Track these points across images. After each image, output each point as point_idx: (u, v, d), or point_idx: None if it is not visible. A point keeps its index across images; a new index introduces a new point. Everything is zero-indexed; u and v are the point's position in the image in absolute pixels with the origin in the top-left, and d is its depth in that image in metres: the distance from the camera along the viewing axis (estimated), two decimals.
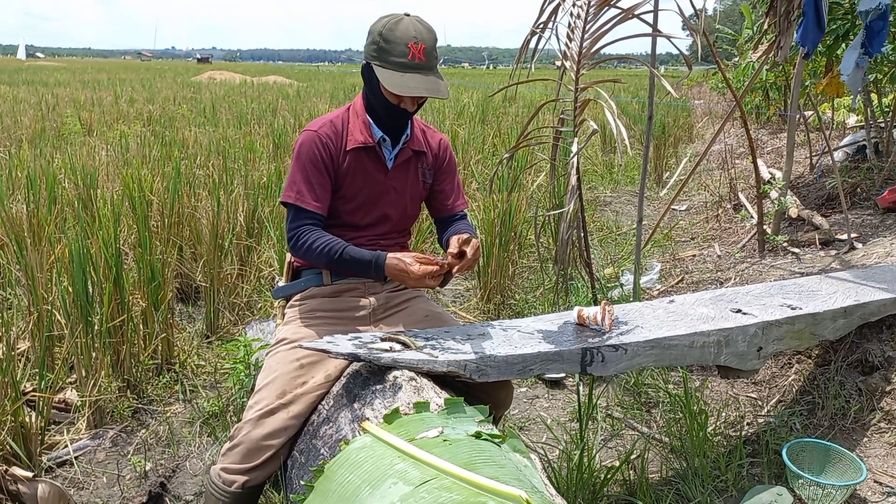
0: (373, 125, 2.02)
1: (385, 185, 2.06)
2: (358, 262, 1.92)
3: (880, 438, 2.52)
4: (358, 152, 2.01)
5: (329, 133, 1.99)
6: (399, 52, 1.86)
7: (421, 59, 1.88)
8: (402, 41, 1.86)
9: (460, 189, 2.27)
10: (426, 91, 1.89)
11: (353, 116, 2.04)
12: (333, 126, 2.01)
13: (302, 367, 1.86)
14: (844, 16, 4.30)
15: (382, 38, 1.88)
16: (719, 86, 14.56)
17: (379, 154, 2.04)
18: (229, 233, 3.86)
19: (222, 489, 1.78)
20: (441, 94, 1.91)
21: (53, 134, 8.82)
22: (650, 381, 3.07)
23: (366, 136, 2.01)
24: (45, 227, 3.85)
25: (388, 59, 1.88)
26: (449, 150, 2.21)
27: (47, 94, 14.65)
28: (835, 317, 2.43)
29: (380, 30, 1.89)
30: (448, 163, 2.20)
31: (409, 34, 1.87)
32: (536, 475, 1.47)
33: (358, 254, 1.92)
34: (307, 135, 1.99)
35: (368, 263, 1.91)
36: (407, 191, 2.12)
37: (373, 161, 2.03)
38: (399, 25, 1.88)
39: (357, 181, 2.02)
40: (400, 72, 1.87)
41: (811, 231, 4.36)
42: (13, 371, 2.31)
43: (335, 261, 1.93)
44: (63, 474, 2.45)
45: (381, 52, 1.89)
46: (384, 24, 1.89)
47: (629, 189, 7.69)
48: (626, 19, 2.92)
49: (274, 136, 7.88)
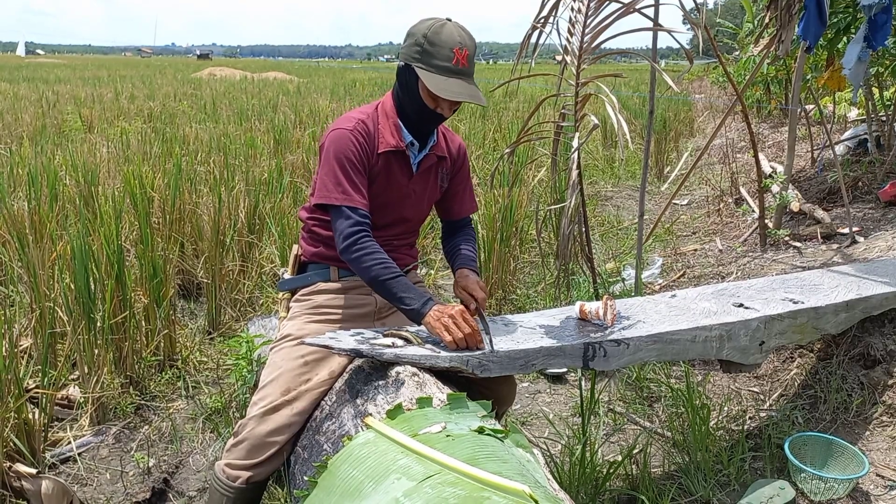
0: (403, 128, 1.98)
1: (407, 189, 2.03)
2: (404, 290, 1.81)
3: (882, 432, 2.52)
4: (388, 155, 1.97)
5: (363, 132, 1.94)
6: (444, 55, 1.84)
7: (464, 64, 1.87)
8: (447, 45, 1.84)
9: (472, 193, 2.24)
10: (468, 97, 1.86)
11: (382, 117, 1.99)
12: (365, 126, 1.95)
13: (306, 364, 1.86)
14: (846, 9, 4.29)
15: (427, 41, 1.85)
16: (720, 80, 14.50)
17: (406, 158, 2.01)
18: (230, 229, 3.86)
19: (227, 485, 1.78)
20: (480, 101, 1.89)
21: (54, 131, 8.82)
22: (652, 375, 3.07)
23: (397, 139, 1.97)
24: (46, 224, 3.85)
25: (431, 61, 1.85)
26: (466, 154, 2.20)
27: (48, 90, 14.64)
28: (837, 311, 2.43)
29: (424, 32, 1.86)
30: (463, 167, 2.18)
31: (454, 39, 1.85)
32: (539, 470, 1.47)
33: (407, 286, 1.82)
34: (341, 133, 1.92)
35: (418, 301, 1.79)
36: (426, 195, 2.10)
37: (400, 165, 2.00)
38: (444, 30, 1.86)
39: (382, 184, 1.99)
40: (444, 75, 1.85)
41: (813, 225, 4.35)
42: (16, 368, 2.31)
43: (383, 279, 1.82)
44: (66, 471, 2.46)
45: (424, 55, 1.86)
46: (429, 27, 1.86)
47: (630, 184, 7.69)
48: (626, 14, 2.92)
49: (275, 133, 7.87)
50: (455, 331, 1.74)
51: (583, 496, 2.17)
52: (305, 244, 2.11)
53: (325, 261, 2.07)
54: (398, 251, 2.10)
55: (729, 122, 9.63)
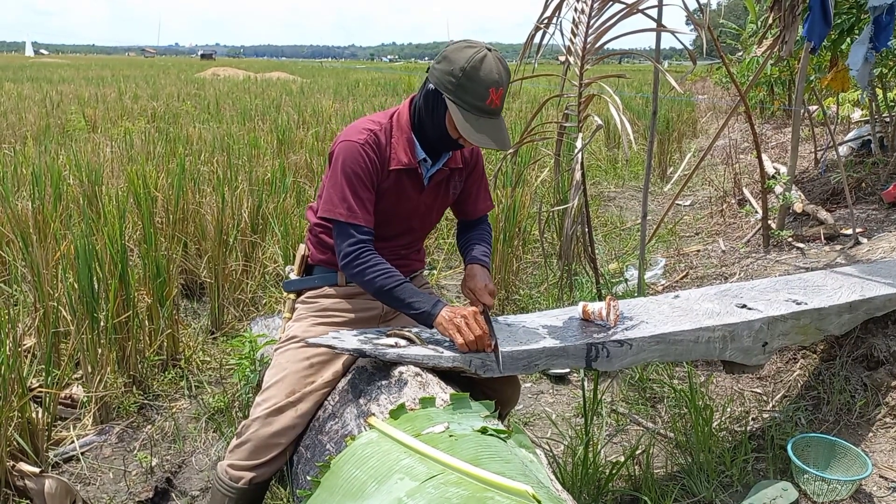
0: (416, 144, 1.92)
1: (417, 202, 1.99)
2: (413, 296, 1.80)
3: (885, 433, 2.51)
4: (399, 173, 1.92)
5: (373, 146, 1.88)
6: (479, 95, 1.75)
7: (497, 105, 1.79)
8: (484, 85, 1.74)
9: (487, 191, 2.18)
10: (495, 143, 1.79)
11: (396, 130, 1.92)
12: (377, 139, 1.89)
13: (312, 367, 1.86)
14: (849, 10, 4.28)
15: (465, 76, 1.74)
16: (723, 81, 14.50)
17: (418, 174, 1.95)
18: (234, 229, 3.86)
19: (229, 485, 1.79)
20: (506, 147, 1.81)
21: (58, 131, 8.84)
22: (655, 376, 3.07)
23: (409, 157, 1.90)
24: (50, 224, 3.86)
25: (465, 98, 1.76)
26: (480, 154, 2.12)
27: (51, 90, 14.67)
28: (840, 312, 2.42)
29: (463, 65, 1.74)
30: (476, 167, 2.12)
31: (492, 77, 1.75)
32: (542, 470, 1.47)
33: (414, 292, 1.82)
34: (351, 146, 1.86)
35: (428, 304, 1.79)
36: (436, 206, 2.06)
37: (411, 181, 1.95)
38: (484, 65, 1.75)
39: (391, 199, 1.94)
40: (475, 115, 1.77)
41: (816, 226, 4.35)
42: (20, 367, 2.31)
43: (388, 289, 1.81)
44: (70, 470, 2.46)
45: (458, 89, 1.76)
46: (468, 60, 1.75)
47: (633, 184, 7.68)
48: (630, 14, 2.92)
49: (278, 133, 7.88)
50: (467, 332, 1.73)
51: (585, 497, 2.17)
52: (313, 248, 2.08)
53: (332, 266, 2.04)
54: (406, 258, 2.09)
55: (732, 122, 9.62)
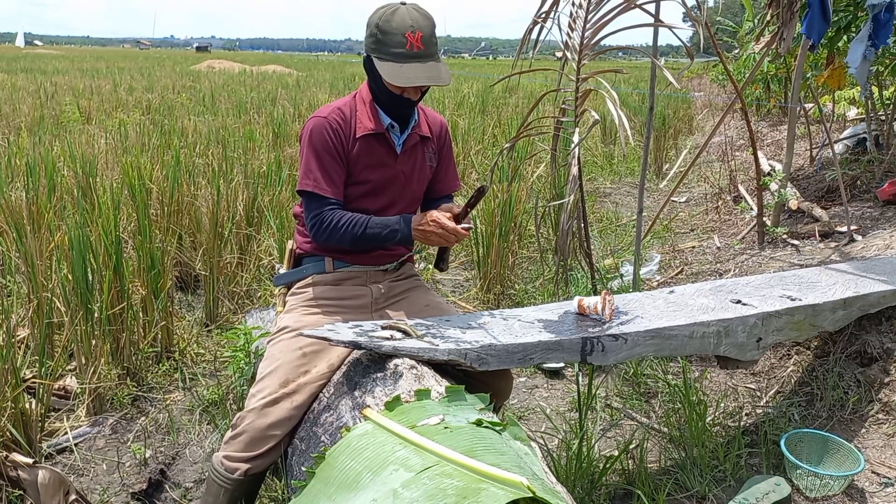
0: (380, 112, 2.01)
1: (395, 170, 2.05)
2: (384, 225, 1.92)
3: (878, 429, 2.53)
4: (368, 139, 2.00)
5: (338, 119, 1.98)
6: (397, 42, 1.86)
7: (419, 47, 1.87)
8: (398, 31, 1.85)
9: (454, 171, 2.28)
10: (426, 80, 1.88)
11: (360, 104, 2.03)
12: (342, 113, 2.00)
13: (304, 356, 1.86)
14: (846, 7, 4.28)
15: (379, 30, 1.88)
16: (720, 77, 14.52)
17: (388, 140, 2.03)
18: (229, 221, 3.85)
19: (225, 477, 1.79)
20: (442, 81, 1.89)
21: (52, 122, 8.79)
22: (650, 371, 3.07)
23: (375, 122, 2.00)
24: (44, 215, 3.84)
25: (386, 50, 1.87)
26: (448, 131, 2.22)
27: (46, 81, 14.57)
28: (834, 308, 2.43)
29: (376, 21, 1.89)
30: (445, 143, 2.20)
31: (405, 23, 1.86)
32: (537, 463, 1.47)
33: (382, 220, 1.94)
34: (317, 121, 1.97)
35: (396, 223, 1.92)
36: (415, 175, 2.11)
37: (383, 147, 2.03)
38: (395, 15, 1.87)
39: (367, 167, 2.01)
40: (399, 62, 1.87)
41: (811, 223, 4.36)
42: (13, 358, 2.31)
43: (361, 233, 1.92)
44: (63, 461, 2.46)
45: (379, 44, 1.89)
46: (380, 16, 1.89)
47: (629, 180, 7.68)
48: (627, 10, 2.92)
49: (273, 126, 7.86)
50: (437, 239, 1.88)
51: (579, 490, 2.18)
52: (300, 237, 2.14)
53: (319, 252, 2.08)
54: None
55: (728, 119, 9.64)
